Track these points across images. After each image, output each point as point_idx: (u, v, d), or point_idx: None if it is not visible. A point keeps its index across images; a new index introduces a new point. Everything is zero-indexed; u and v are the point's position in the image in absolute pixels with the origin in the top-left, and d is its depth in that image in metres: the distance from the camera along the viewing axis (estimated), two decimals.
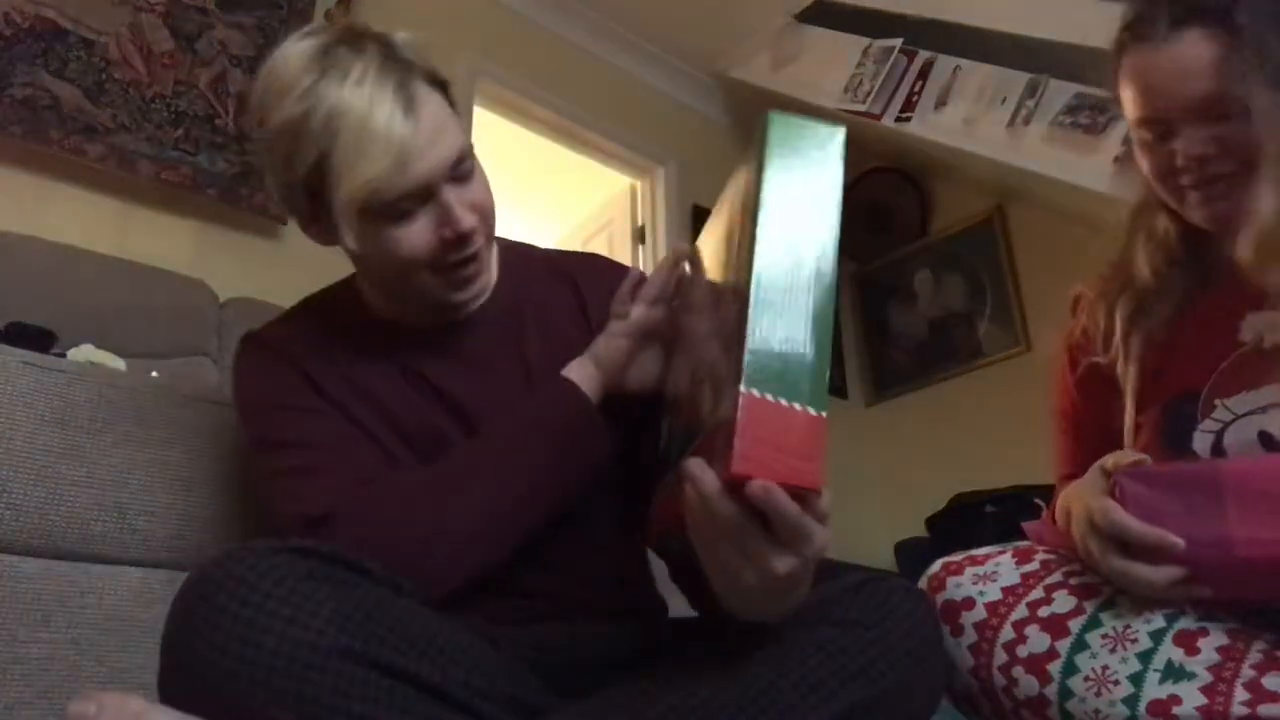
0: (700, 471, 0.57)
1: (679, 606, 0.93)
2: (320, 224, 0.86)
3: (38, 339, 1.48)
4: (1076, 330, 1.03)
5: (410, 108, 0.80)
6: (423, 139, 0.80)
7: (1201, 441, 0.87)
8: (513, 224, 2.69)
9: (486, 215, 0.87)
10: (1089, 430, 1.00)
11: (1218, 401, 0.87)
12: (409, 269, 0.84)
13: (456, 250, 0.84)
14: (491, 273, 0.95)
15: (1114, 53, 0.95)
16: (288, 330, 0.96)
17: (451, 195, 0.82)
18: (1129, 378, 0.94)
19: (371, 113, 0.78)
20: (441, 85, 0.88)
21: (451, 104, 0.88)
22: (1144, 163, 0.96)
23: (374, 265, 0.88)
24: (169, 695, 0.65)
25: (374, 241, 0.83)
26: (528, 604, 0.85)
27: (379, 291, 0.93)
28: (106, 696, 0.64)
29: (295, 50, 0.82)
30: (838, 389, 3.64)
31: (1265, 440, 0.83)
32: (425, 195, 0.81)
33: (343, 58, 0.80)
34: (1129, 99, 0.93)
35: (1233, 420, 0.85)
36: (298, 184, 0.82)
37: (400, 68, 0.82)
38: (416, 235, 0.82)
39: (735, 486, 0.56)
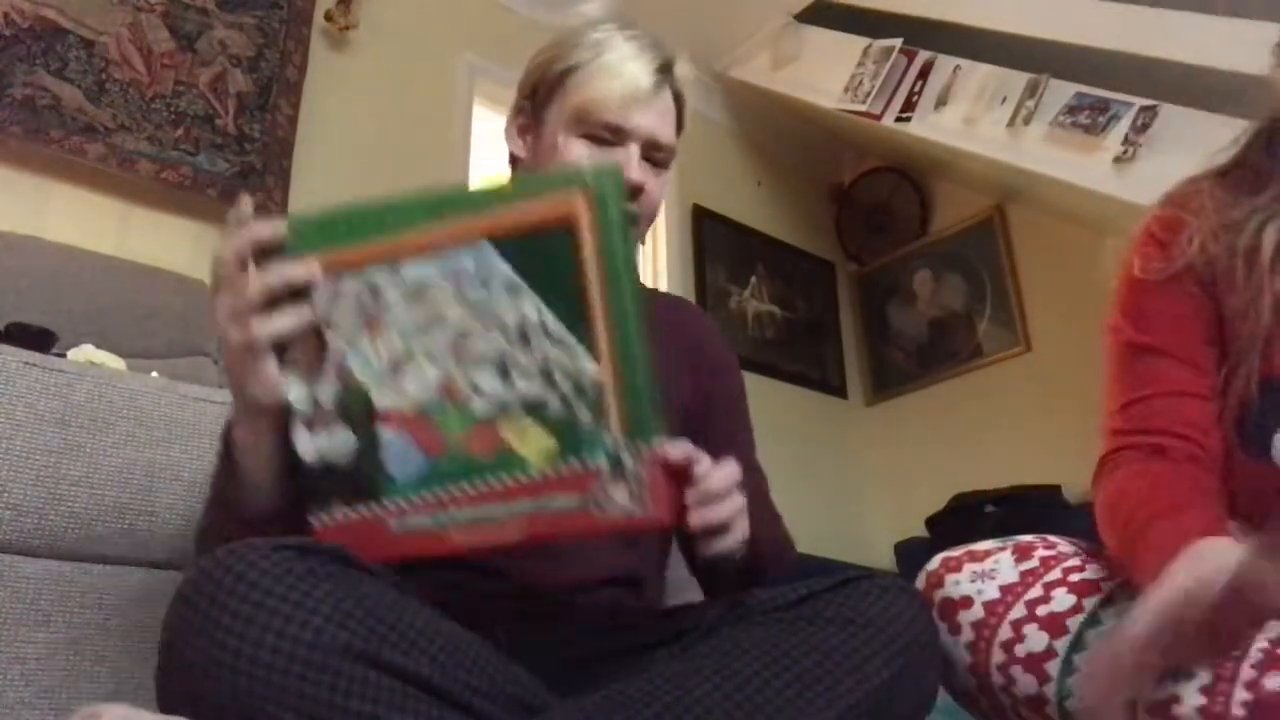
0: None
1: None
2: (529, 123, 1.02)
3: (38, 339, 1.48)
4: (1181, 257, 0.84)
5: (658, 83, 0.98)
6: (651, 105, 0.97)
7: None
8: None
9: (649, 206, 1.00)
10: (1164, 359, 0.84)
11: None
12: None
13: None
14: None
15: None
16: None
17: (637, 158, 0.96)
18: (1260, 335, 0.78)
19: (630, 60, 0.97)
20: (679, 105, 1.03)
21: (679, 125, 1.04)
22: None
23: None
24: (167, 695, 0.65)
25: (562, 157, 0.95)
26: (527, 603, 0.85)
27: None
28: (109, 709, 0.64)
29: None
30: (838, 389, 3.64)
31: None
32: (621, 139, 0.96)
33: (632, 27, 1.01)
34: None
35: None
36: (541, 85, 1.00)
37: (665, 64, 0.99)
38: (595, 159, 0.95)
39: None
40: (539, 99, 1.01)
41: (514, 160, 1.05)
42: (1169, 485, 0.77)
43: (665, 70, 0.99)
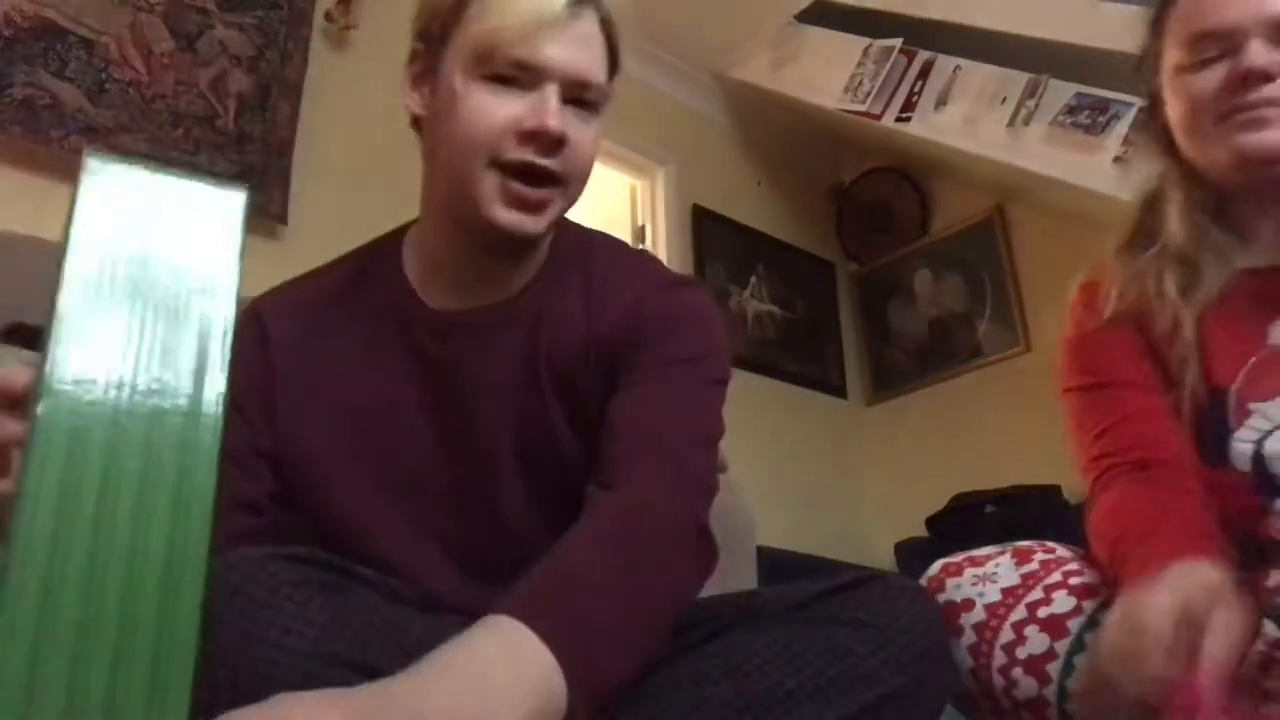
0: None
1: None
2: (424, 70, 0.85)
3: (38, 339, 1.48)
4: (1102, 314, 0.94)
5: (573, 3, 0.79)
6: (566, 31, 0.79)
7: (1240, 451, 0.83)
8: None
9: (577, 163, 0.82)
10: (1119, 389, 0.91)
11: (1253, 406, 0.83)
12: (478, 149, 0.78)
13: (532, 148, 0.78)
14: (542, 253, 0.90)
15: None
16: (301, 295, 0.92)
17: (556, 102, 0.79)
18: (1191, 352, 0.86)
19: None
20: (611, 39, 0.85)
21: (613, 60, 0.86)
22: (1183, 94, 0.90)
23: (448, 147, 0.81)
24: None
25: (463, 105, 0.79)
26: None
27: (438, 197, 0.86)
28: None
29: None
30: (838, 389, 3.64)
31: None
32: (534, 79, 0.78)
33: None
34: (1189, 17, 0.90)
35: (1273, 429, 0.82)
36: (434, 23, 0.82)
37: None
38: (503, 107, 0.78)
39: None
40: (433, 38, 0.83)
41: (415, 121, 0.89)
42: (1147, 509, 0.80)
43: None
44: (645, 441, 0.77)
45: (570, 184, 0.83)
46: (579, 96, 0.81)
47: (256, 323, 0.89)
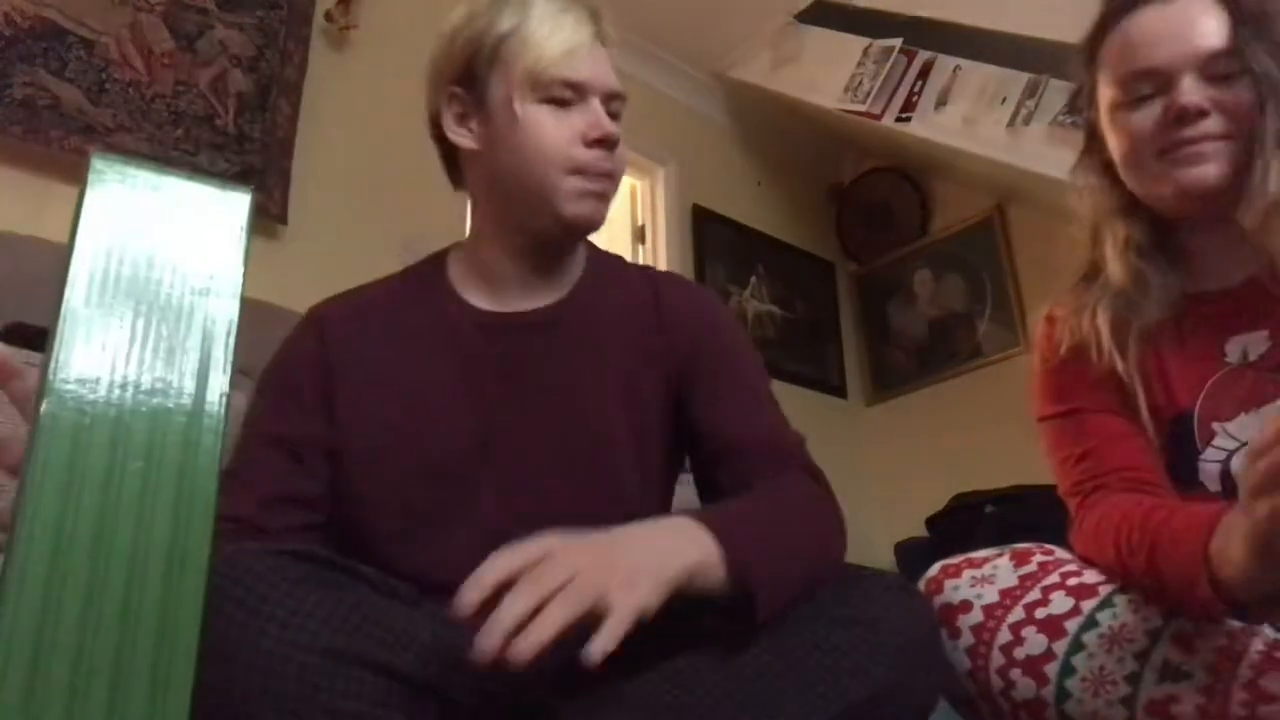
0: None
1: None
2: (467, 110, 0.94)
3: (38, 339, 1.48)
4: (1060, 348, 0.97)
5: (595, 32, 0.94)
6: (596, 52, 0.93)
7: (1208, 471, 0.85)
8: None
9: (623, 160, 0.95)
10: (1093, 415, 0.93)
11: (1216, 426, 0.85)
12: (556, 160, 0.90)
13: (597, 152, 0.91)
14: (579, 261, 1.01)
15: (1104, 19, 0.95)
16: (356, 300, 0.99)
17: (604, 112, 0.93)
18: (1135, 383, 0.90)
19: (562, 13, 0.92)
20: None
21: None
22: (1121, 130, 0.93)
23: (522, 164, 0.91)
24: None
25: (529, 126, 0.90)
26: None
27: (502, 216, 0.95)
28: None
29: None
30: (838, 389, 3.64)
31: None
32: (580, 94, 0.91)
33: None
34: (1121, 57, 0.92)
35: (1238, 447, 0.84)
36: (475, 62, 0.92)
37: (593, 11, 0.96)
38: (564, 123, 0.91)
39: None
40: (477, 78, 0.93)
41: (453, 157, 0.98)
42: (1151, 509, 0.80)
43: (595, 17, 0.96)
44: (752, 449, 0.93)
45: (617, 177, 0.96)
46: (612, 107, 0.94)
47: (315, 324, 0.96)
